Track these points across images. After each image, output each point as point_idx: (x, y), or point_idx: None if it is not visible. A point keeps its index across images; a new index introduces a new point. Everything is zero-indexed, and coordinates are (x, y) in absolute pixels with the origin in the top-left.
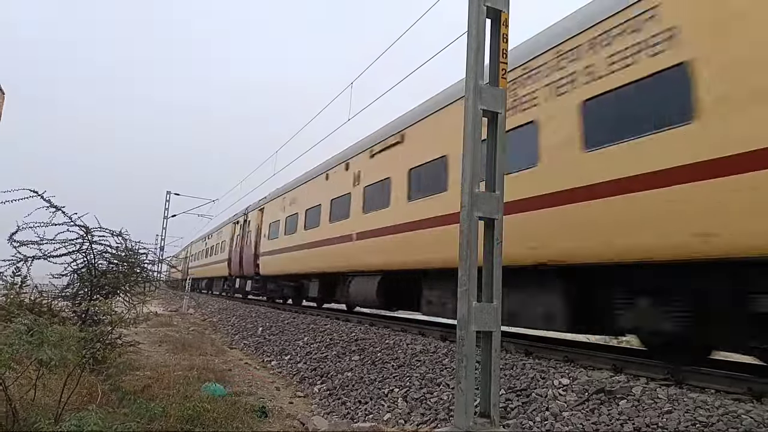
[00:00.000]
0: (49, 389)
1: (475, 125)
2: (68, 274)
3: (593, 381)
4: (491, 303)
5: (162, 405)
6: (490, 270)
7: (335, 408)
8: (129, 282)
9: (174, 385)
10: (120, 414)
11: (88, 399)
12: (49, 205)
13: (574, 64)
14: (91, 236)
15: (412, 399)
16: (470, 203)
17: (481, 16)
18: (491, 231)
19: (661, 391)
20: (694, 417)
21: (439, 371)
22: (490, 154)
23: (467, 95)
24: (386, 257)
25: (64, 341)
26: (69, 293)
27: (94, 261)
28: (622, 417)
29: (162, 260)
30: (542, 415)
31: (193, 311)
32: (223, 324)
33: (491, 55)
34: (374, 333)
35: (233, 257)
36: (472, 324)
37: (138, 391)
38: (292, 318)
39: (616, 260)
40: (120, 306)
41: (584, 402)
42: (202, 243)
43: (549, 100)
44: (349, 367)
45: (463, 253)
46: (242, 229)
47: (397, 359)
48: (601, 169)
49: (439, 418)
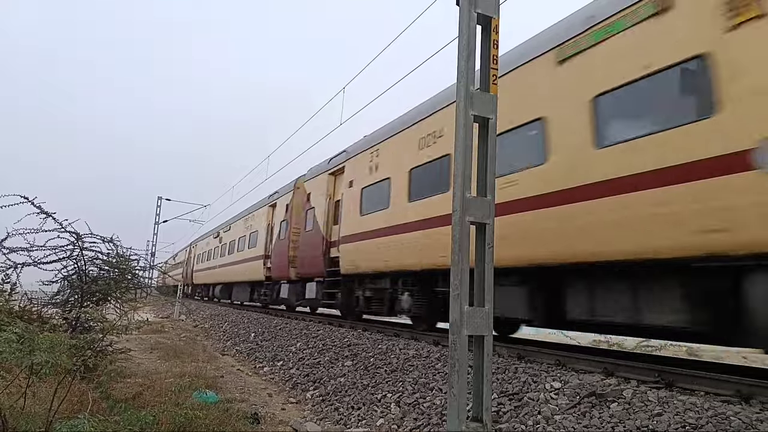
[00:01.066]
0: (39, 398)
1: (467, 131)
2: (58, 280)
3: (584, 384)
4: (483, 307)
5: (153, 412)
6: (482, 274)
7: (328, 414)
8: (120, 289)
9: (165, 393)
10: (111, 422)
11: (79, 407)
12: (40, 211)
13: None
14: (82, 242)
15: (405, 404)
16: (462, 208)
17: (472, 22)
18: (483, 235)
19: (652, 394)
20: (684, 419)
21: (432, 376)
22: (481, 159)
23: (458, 101)
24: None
25: (55, 348)
26: (59, 300)
27: (85, 267)
28: (613, 420)
29: (153, 266)
30: (534, 418)
31: (185, 317)
32: (215, 330)
33: (482, 61)
34: (367, 338)
35: (278, 251)
36: (464, 328)
37: (129, 399)
38: (284, 324)
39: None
40: (111, 313)
41: (576, 405)
42: (214, 240)
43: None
44: (341, 372)
45: (455, 258)
46: (291, 209)
47: (390, 364)
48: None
49: (431, 423)
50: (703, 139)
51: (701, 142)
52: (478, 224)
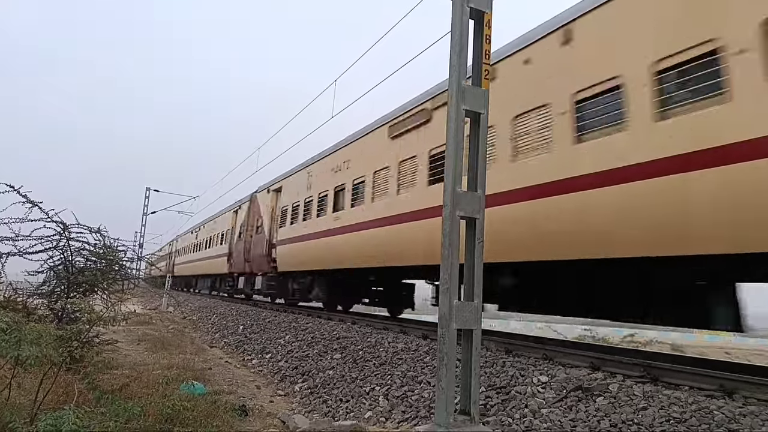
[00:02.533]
0: (24, 389)
1: (458, 126)
2: (44, 271)
3: (571, 378)
4: (472, 301)
5: (140, 404)
6: (471, 268)
7: (316, 406)
8: (107, 280)
9: (153, 384)
10: (97, 413)
11: (65, 398)
12: (26, 200)
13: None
14: (69, 233)
15: (393, 397)
16: (452, 202)
17: (464, 17)
18: (473, 230)
19: (637, 388)
20: (668, 413)
21: (420, 369)
22: (472, 154)
23: (450, 96)
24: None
25: (42, 339)
26: (45, 291)
27: (72, 258)
28: (599, 414)
29: (141, 258)
30: (521, 412)
31: (173, 309)
32: (203, 322)
33: (474, 56)
34: (356, 331)
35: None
36: (453, 322)
37: (116, 390)
38: (273, 316)
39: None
40: (98, 304)
41: (562, 399)
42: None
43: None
44: (330, 365)
45: (444, 252)
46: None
47: (379, 357)
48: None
49: (419, 416)
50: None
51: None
52: (468, 219)
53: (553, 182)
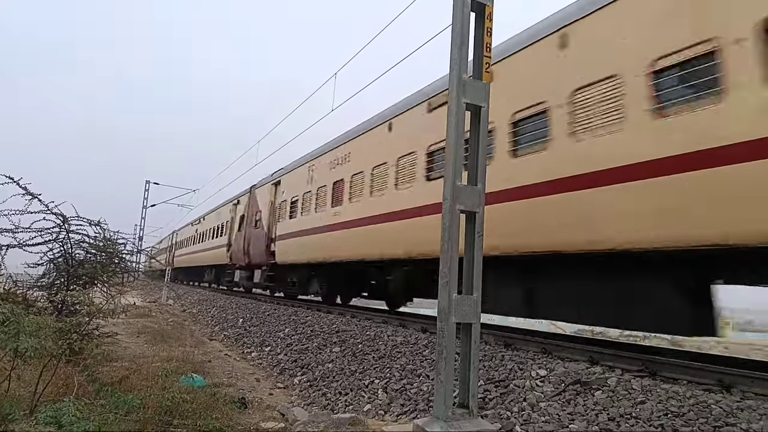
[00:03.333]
0: (24, 381)
1: (459, 119)
2: (44, 263)
3: (570, 372)
4: (471, 295)
5: (140, 396)
6: (471, 262)
7: (315, 399)
8: (107, 272)
9: (152, 377)
10: (97, 405)
11: (64, 390)
12: (25, 192)
13: None
14: (68, 225)
15: (392, 390)
16: (452, 196)
17: (466, 9)
18: (472, 224)
19: (636, 382)
20: (666, 407)
21: (419, 362)
22: (473, 148)
23: (451, 89)
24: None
25: (41, 331)
26: (45, 283)
27: (71, 250)
28: (597, 407)
29: (141, 250)
30: (520, 405)
31: (173, 302)
32: (203, 315)
33: (475, 48)
34: (355, 325)
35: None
36: (452, 316)
37: (115, 383)
38: (273, 309)
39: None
40: (98, 297)
41: (561, 393)
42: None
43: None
44: (329, 358)
45: (444, 246)
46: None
47: (378, 351)
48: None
49: (418, 409)
50: None
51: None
52: (468, 213)
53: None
